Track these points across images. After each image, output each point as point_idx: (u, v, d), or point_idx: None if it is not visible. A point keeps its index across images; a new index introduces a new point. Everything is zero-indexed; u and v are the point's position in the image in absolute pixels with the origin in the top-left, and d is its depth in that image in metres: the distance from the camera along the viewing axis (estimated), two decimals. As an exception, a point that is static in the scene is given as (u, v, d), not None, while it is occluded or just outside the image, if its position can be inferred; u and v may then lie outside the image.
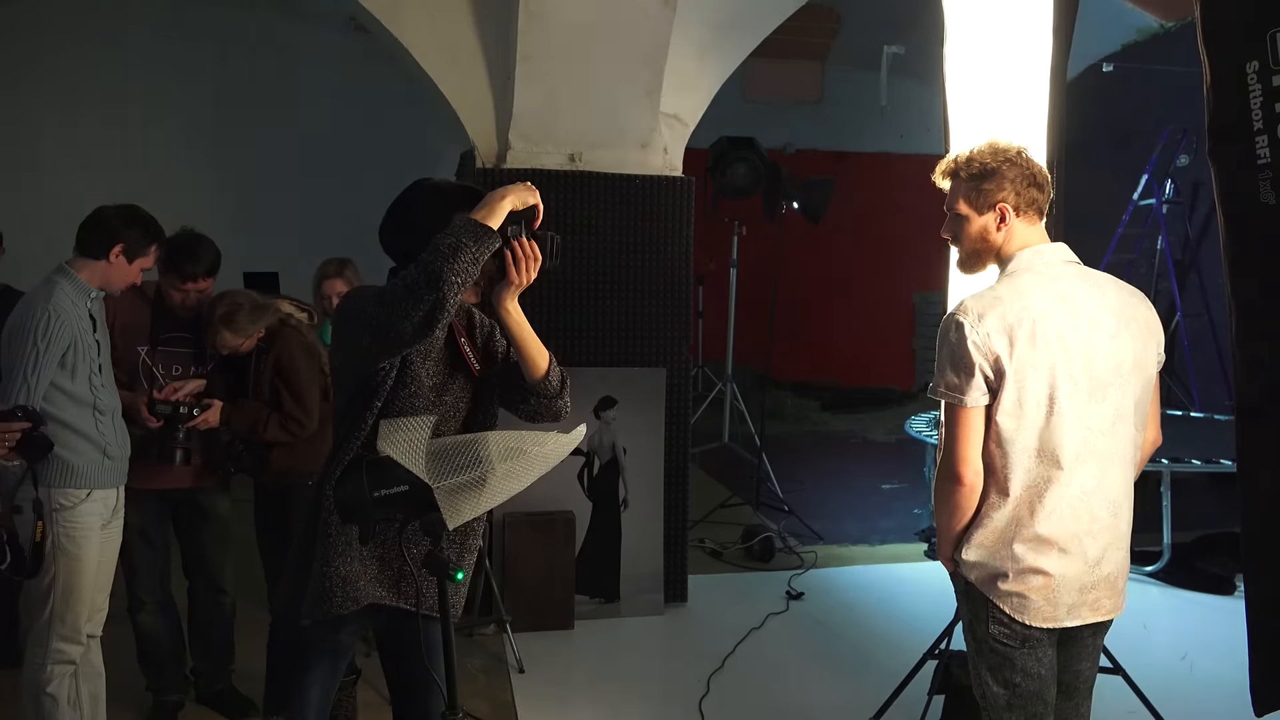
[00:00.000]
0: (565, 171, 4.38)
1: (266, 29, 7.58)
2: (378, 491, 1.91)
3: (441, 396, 2.15)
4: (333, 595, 2.07)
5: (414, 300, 1.89)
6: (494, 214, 1.98)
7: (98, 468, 2.80)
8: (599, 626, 4.29)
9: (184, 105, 7.46)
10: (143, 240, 2.89)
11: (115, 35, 7.31)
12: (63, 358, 2.73)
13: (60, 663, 2.77)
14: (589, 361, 4.39)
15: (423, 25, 4.24)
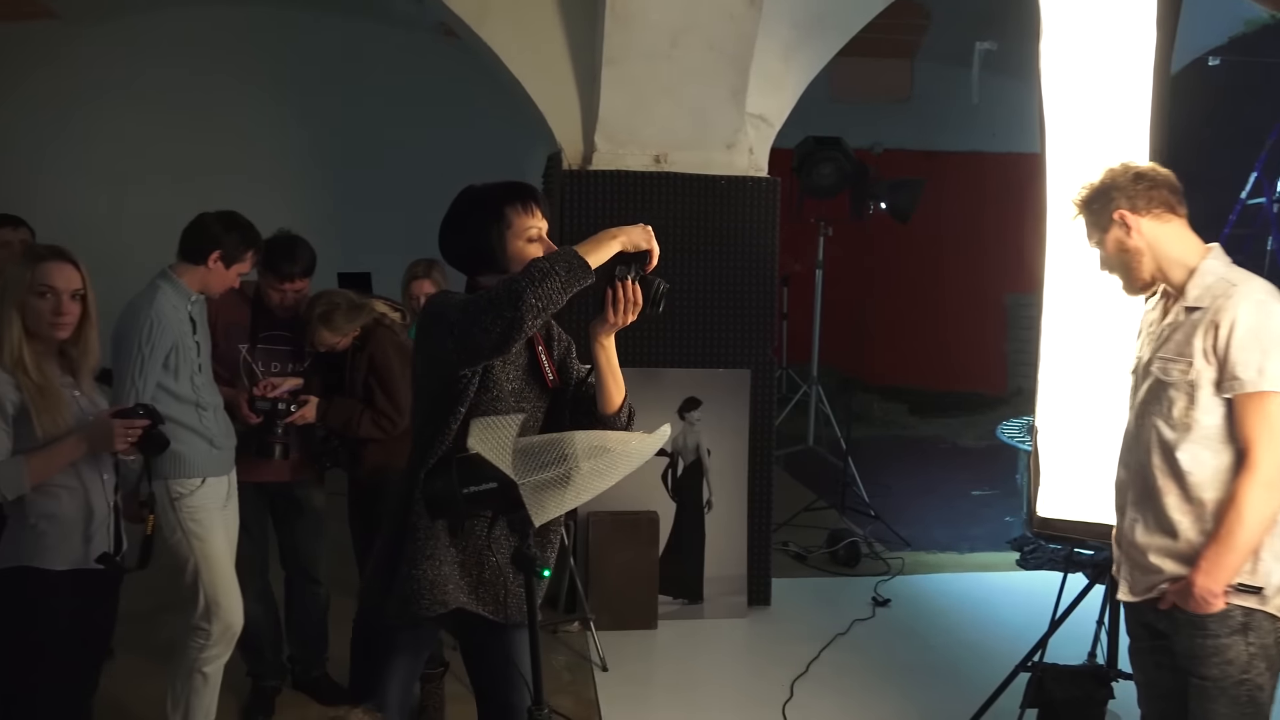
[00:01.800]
0: (650, 173, 4.39)
1: (357, 34, 7.77)
2: (467, 488, 1.95)
3: (520, 404, 2.17)
4: (420, 598, 2.08)
5: (494, 315, 1.92)
6: (598, 250, 2.00)
7: (206, 457, 2.96)
8: (682, 627, 4.29)
9: (279, 110, 7.70)
10: (240, 246, 3.02)
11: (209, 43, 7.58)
12: (166, 360, 2.87)
13: (221, 642, 2.98)
14: (673, 362, 4.40)
15: (510, 30, 4.30)
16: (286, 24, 7.68)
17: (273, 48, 7.65)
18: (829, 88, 8.57)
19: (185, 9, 7.47)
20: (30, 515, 2.34)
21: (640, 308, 2.11)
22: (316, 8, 7.63)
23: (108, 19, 7.36)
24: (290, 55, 7.67)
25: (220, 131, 7.55)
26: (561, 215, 4.36)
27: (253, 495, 3.32)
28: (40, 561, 2.35)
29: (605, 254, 2.01)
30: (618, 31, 4.10)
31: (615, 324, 2.10)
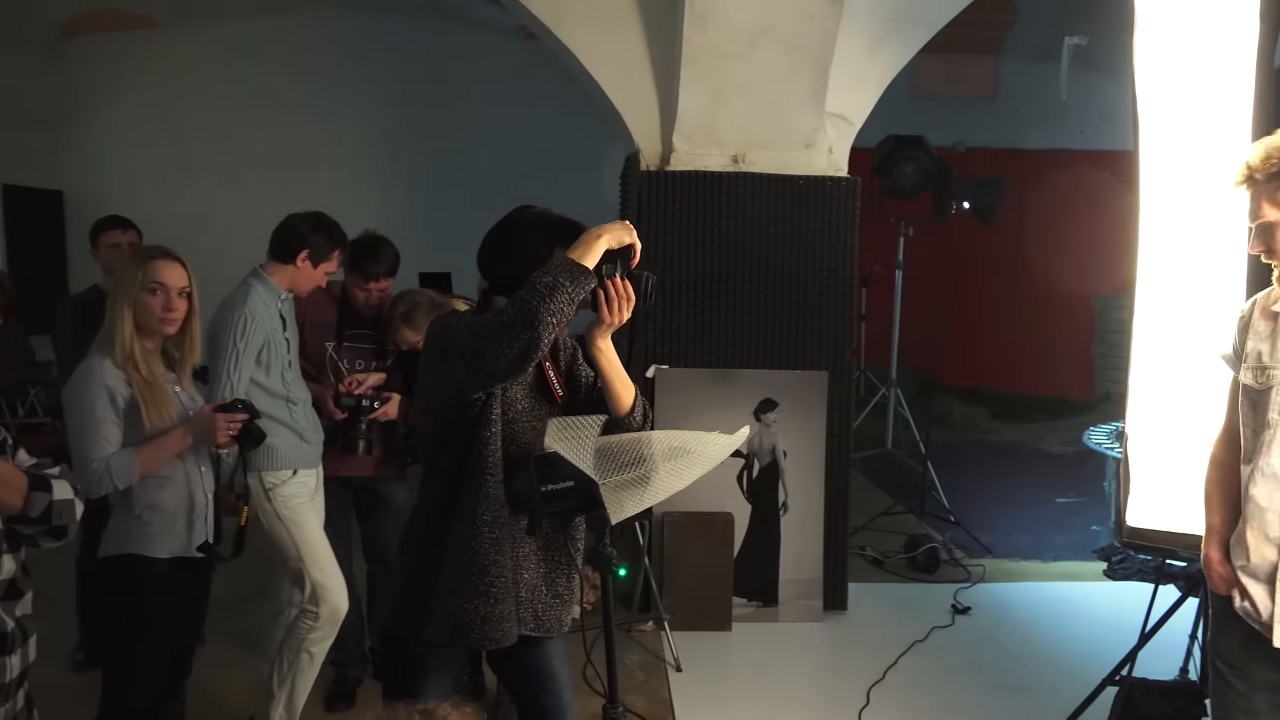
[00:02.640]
0: (728, 173, 4.38)
1: (440, 38, 7.92)
2: (545, 486, 1.97)
3: (533, 422, 2.14)
4: (471, 631, 2.05)
5: (509, 337, 1.90)
6: (590, 253, 1.97)
7: (297, 450, 3.07)
8: (757, 630, 4.26)
9: (365, 112, 7.89)
10: (327, 246, 3.11)
11: (297, 48, 7.80)
12: (259, 355, 2.97)
13: (328, 624, 3.08)
14: (749, 363, 4.38)
15: (590, 31, 4.33)
16: (371, 28, 7.86)
17: (358, 52, 7.83)
18: (911, 85, 8.44)
19: (275, 16, 7.71)
20: (136, 505, 2.44)
21: (635, 302, 2.07)
22: (400, 12, 7.80)
23: (202, 27, 7.63)
24: (375, 59, 7.85)
25: (309, 133, 7.76)
26: (639, 216, 4.37)
27: (337, 489, 3.40)
28: (145, 549, 2.46)
29: (596, 254, 1.98)
30: (697, 32, 4.10)
31: (611, 323, 2.07)
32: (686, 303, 4.37)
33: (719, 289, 4.37)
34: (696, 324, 4.38)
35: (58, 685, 3.13)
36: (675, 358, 4.35)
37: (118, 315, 2.43)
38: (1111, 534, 5.28)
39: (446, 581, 2.06)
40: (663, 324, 4.34)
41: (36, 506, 1.80)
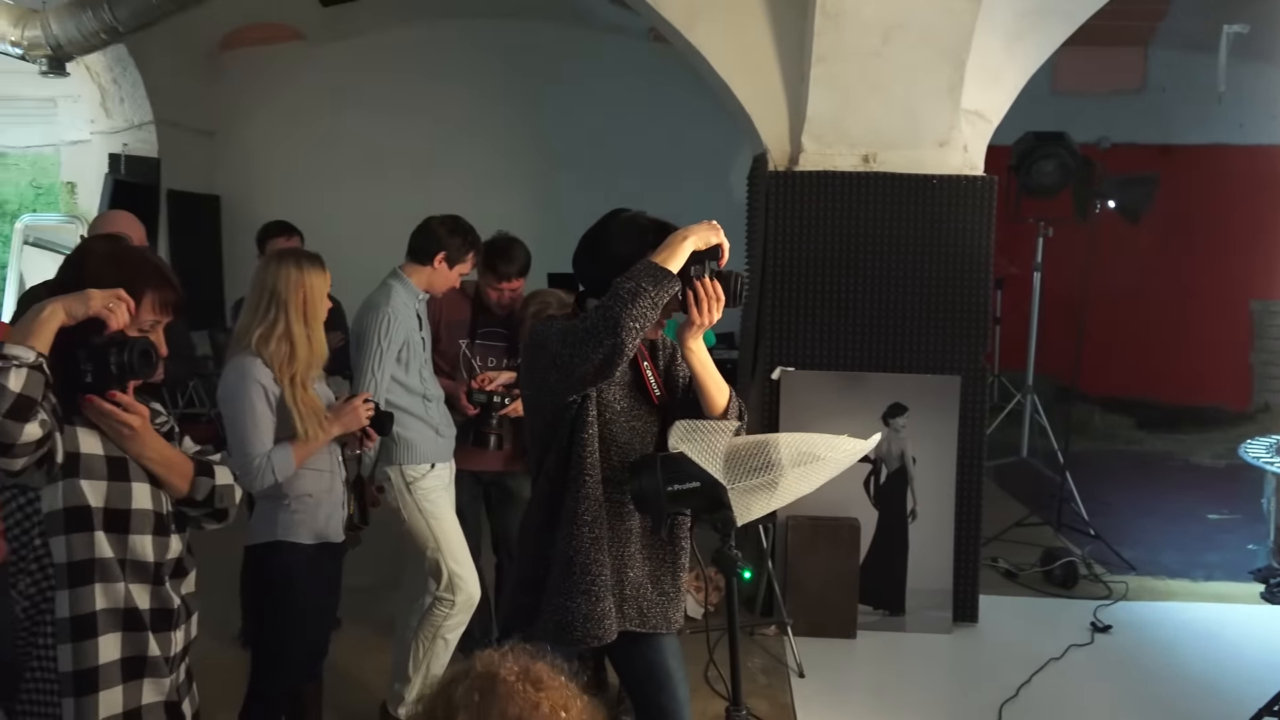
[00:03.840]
0: (858, 173, 4.30)
1: (570, 42, 8.04)
2: (671, 486, 1.98)
3: (631, 422, 2.15)
4: (573, 629, 2.08)
5: (594, 343, 1.91)
6: (675, 256, 1.96)
7: (433, 445, 3.19)
8: (882, 639, 4.17)
9: (498, 116, 8.08)
10: (462, 248, 3.21)
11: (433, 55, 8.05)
12: (399, 354, 3.09)
13: (463, 611, 3.20)
14: (879, 366, 4.29)
15: (718, 32, 4.33)
16: (503, 34, 8.06)
17: (491, 58, 8.04)
18: (1051, 79, 8.11)
19: (412, 25, 7.99)
20: (287, 495, 2.58)
21: (724, 302, 2.04)
22: (532, 18, 7.97)
23: (345, 37, 7.97)
24: (507, 64, 8.04)
25: (445, 138, 8.02)
26: (766, 217, 4.34)
27: (469, 483, 3.51)
28: (292, 536, 2.59)
29: (681, 257, 1.97)
30: (828, 29, 4.04)
31: (701, 324, 2.04)
32: (814, 305, 4.31)
33: (847, 291, 4.30)
34: (824, 326, 4.32)
35: (219, 663, 3.31)
36: (802, 360, 4.30)
37: (310, 320, 2.58)
38: (1270, 554, 4.97)
39: (552, 580, 2.11)
40: (789, 326, 4.30)
41: (201, 490, 1.90)
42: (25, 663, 1.76)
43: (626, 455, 2.13)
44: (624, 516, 2.13)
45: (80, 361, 1.70)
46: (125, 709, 1.77)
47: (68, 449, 1.71)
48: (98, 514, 1.74)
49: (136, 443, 1.79)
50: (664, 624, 2.21)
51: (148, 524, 1.82)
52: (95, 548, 1.74)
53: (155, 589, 1.83)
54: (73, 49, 6.38)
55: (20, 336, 1.60)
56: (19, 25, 6.30)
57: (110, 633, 1.75)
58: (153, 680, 1.81)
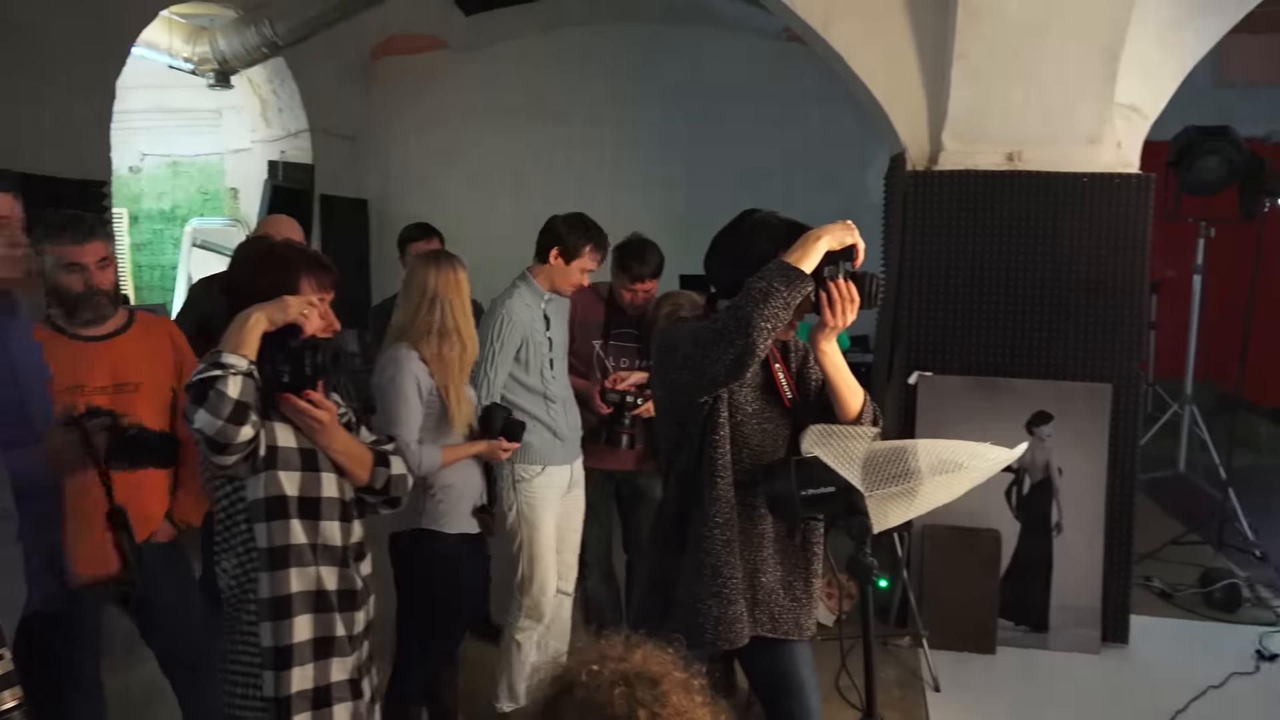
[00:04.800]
0: (1002, 172, 4.15)
1: (704, 42, 8.05)
2: (805, 490, 1.96)
3: (763, 424, 2.13)
4: (705, 631, 2.08)
5: (725, 343, 1.90)
6: (808, 255, 1.92)
7: (550, 446, 3.21)
8: (1023, 656, 4.01)
9: (633, 118, 8.16)
10: (577, 243, 3.20)
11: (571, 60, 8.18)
12: (517, 354, 3.14)
13: (529, 616, 3.22)
14: (1023, 373, 4.12)
15: (856, 31, 4.25)
16: (640, 37, 8.13)
17: (628, 61, 8.13)
18: (1214, 70, 7.62)
19: (550, 32, 8.16)
20: (432, 485, 2.69)
21: (859, 304, 1.99)
22: (668, 21, 8.01)
23: (486, 45, 8.21)
24: (643, 67, 8.12)
25: (581, 140, 8.15)
26: (904, 218, 4.24)
27: (601, 481, 3.55)
28: (436, 525, 2.71)
29: (815, 257, 1.93)
30: (970, 24, 3.92)
31: (835, 326, 2.00)
32: (954, 308, 4.18)
33: (990, 294, 4.15)
34: (964, 330, 4.18)
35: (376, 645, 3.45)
36: (940, 365, 4.18)
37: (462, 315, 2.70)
38: None
39: (684, 583, 2.11)
40: (927, 330, 4.19)
41: (379, 480, 2.02)
42: (231, 634, 1.91)
43: (759, 458, 2.11)
44: (756, 520, 2.12)
45: (278, 364, 1.83)
46: (315, 684, 1.89)
47: (268, 443, 1.84)
48: (293, 502, 1.88)
49: (325, 436, 1.92)
50: (796, 630, 2.19)
51: (335, 510, 1.94)
52: (291, 534, 1.86)
53: (342, 571, 1.95)
54: (237, 63, 6.80)
55: (232, 345, 1.73)
56: (190, 42, 6.76)
57: (303, 614, 1.88)
58: (339, 659, 1.93)
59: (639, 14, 8.03)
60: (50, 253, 2.48)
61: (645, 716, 1.01)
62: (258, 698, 1.87)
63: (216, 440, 1.70)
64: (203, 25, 6.82)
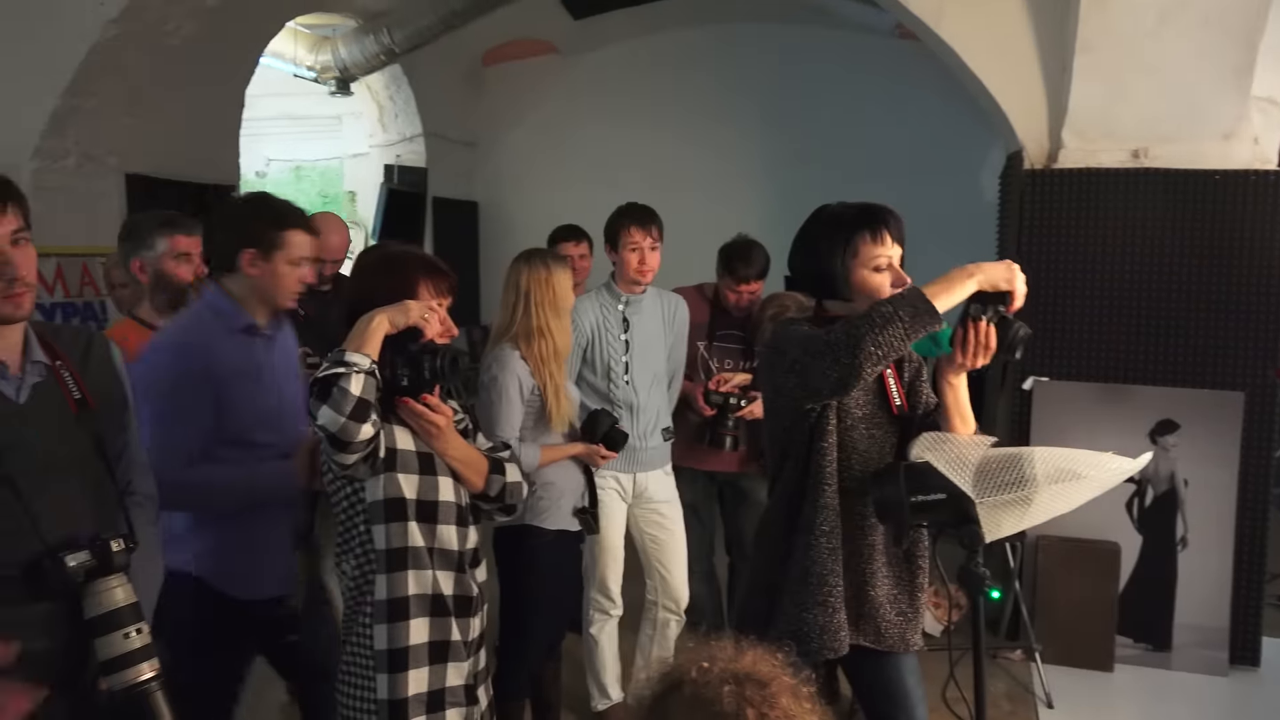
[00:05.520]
0: (1126, 169, 3.98)
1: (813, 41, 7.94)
2: (914, 496, 1.91)
3: (871, 430, 2.08)
4: (810, 640, 2.05)
5: (832, 358, 1.85)
6: (950, 291, 1.85)
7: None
8: (1143, 676, 3.84)
9: (739, 118, 8.12)
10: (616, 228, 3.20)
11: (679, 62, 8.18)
12: (584, 354, 3.14)
13: (597, 610, 3.25)
14: (1146, 380, 3.95)
15: (970, 24, 4.14)
16: (747, 37, 8.08)
17: (735, 60, 8.09)
18: (1365, 58, 7.14)
19: (658, 33, 8.18)
20: (534, 483, 2.73)
21: (993, 352, 1.90)
22: (775, 20, 7.95)
23: (595, 48, 8.29)
24: (751, 66, 8.07)
25: (687, 141, 8.14)
26: (1021, 218, 4.11)
27: (704, 482, 3.55)
28: (536, 522, 2.75)
29: (958, 295, 1.86)
30: (1094, 14, 3.77)
31: (964, 365, 1.94)
32: (1072, 312, 4.03)
33: (1111, 297, 3.99)
34: (1084, 334, 4.03)
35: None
36: (1057, 370, 4.03)
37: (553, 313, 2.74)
38: None
39: (788, 590, 2.08)
40: (1044, 333, 4.04)
41: (494, 487, 2.04)
42: (347, 636, 1.94)
43: (867, 464, 2.07)
44: (866, 530, 2.08)
45: (398, 367, 1.87)
46: (430, 689, 1.89)
47: (387, 445, 1.87)
48: (411, 505, 1.89)
49: (441, 440, 1.94)
50: (901, 644, 2.14)
51: (451, 515, 1.96)
52: (409, 536, 1.88)
53: (458, 576, 1.96)
54: (356, 70, 7.05)
55: (355, 345, 1.77)
56: (313, 51, 7.03)
57: (419, 617, 1.89)
58: (454, 664, 1.93)
59: (747, 14, 7.98)
60: (166, 242, 2.65)
61: (753, 716, 1.00)
62: (371, 700, 1.87)
63: (339, 437, 1.73)
64: (325, 35, 7.09)
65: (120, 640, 1.56)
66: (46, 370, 1.67)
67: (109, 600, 1.56)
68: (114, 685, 1.56)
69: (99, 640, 1.56)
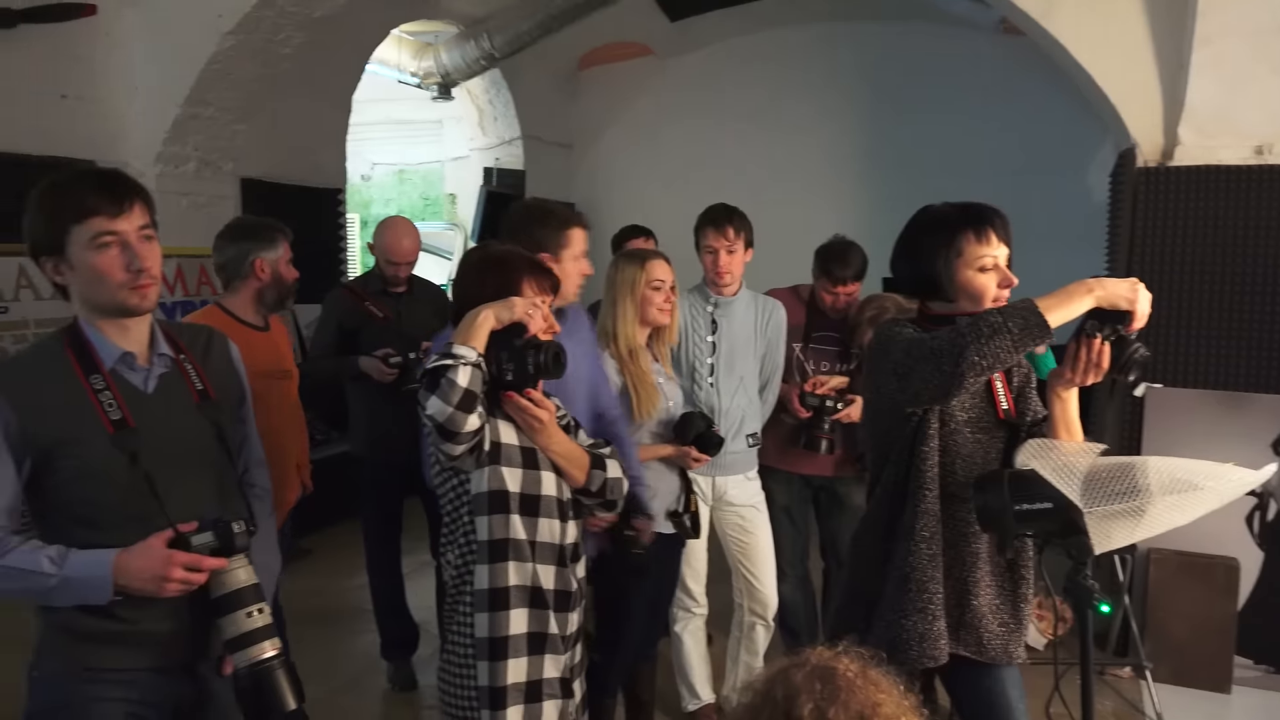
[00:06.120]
0: (1249, 166, 3.79)
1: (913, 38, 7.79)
2: (1019, 505, 1.86)
3: (976, 434, 2.01)
4: (909, 649, 2.01)
5: (934, 365, 1.81)
6: (1066, 305, 1.78)
7: None
8: (1264, 699, 3.64)
9: (835, 117, 8.02)
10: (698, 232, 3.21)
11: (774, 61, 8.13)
12: (673, 354, 3.12)
13: (681, 609, 3.26)
14: (1271, 388, 3.75)
15: (1080, 18, 4.00)
16: (845, 35, 7.97)
17: (833, 59, 7.99)
18: None
19: (755, 34, 8.14)
20: None
21: (1105, 371, 1.83)
22: (873, 18, 7.82)
23: (691, 50, 8.30)
24: (849, 65, 7.96)
25: (784, 142, 8.08)
26: (1134, 218, 3.95)
27: (799, 486, 3.51)
28: None
29: (1074, 310, 1.79)
30: (1216, 6, 3.61)
31: (1073, 381, 1.87)
32: (1188, 316, 3.86)
33: (1230, 301, 3.80)
34: (1200, 340, 3.85)
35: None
36: (1171, 376, 3.86)
37: (621, 311, 2.75)
38: None
39: (887, 597, 2.04)
40: (1157, 338, 3.88)
41: (595, 482, 2.06)
42: (448, 624, 1.99)
43: (970, 469, 2.02)
44: (969, 537, 2.03)
45: (503, 361, 1.90)
46: (528, 679, 1.93)
47: (492, 439, 1.92)
48: (514, 498, 1.93)
49: (544, 435, 1.97)
50: (1004, 657, 2.08)
51: (553, 509, 1.99)
52: (511, 528, 1.92)
53: (559, 570, 1.99)
54: (458, 75, 7.21)
55: (463, 338, 1.83)
56: (417, 57, 7.22)
57: (519, 608, 1.92)
58: (552, 656, 1.96)
59: (845, 13, 7.88)
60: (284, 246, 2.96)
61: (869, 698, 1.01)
62: (471, 687, 1.91)
63: (446, 427, 1.77)
64: (428, 41, 7.27)
65: (243, 619, 1.63)
66: (171, 362, 1.76)
67: (232, 580, 1.64)
68: (238, 663, 1.63)
69: (222, 619, 1.64)
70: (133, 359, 1.70)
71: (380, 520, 3.72)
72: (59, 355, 1.66)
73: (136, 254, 1.63)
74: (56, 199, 1.62)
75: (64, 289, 1.68)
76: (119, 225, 1.62)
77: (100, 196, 1.61)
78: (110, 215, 1.61)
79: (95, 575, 1.58)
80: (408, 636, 3.78)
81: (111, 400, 1.65)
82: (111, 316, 1.68)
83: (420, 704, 3.63)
